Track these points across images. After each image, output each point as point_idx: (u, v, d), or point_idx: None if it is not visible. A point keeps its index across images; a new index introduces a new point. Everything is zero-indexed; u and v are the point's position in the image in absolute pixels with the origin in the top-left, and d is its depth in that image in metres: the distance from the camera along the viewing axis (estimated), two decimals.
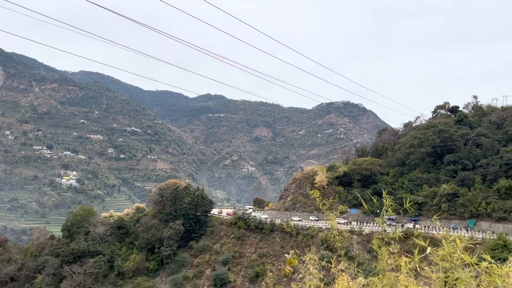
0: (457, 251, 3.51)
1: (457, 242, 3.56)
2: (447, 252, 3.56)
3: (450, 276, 3.45)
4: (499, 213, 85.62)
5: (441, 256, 3.62)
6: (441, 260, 3.62)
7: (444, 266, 3.57)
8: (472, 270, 3.50)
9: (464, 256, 3.49)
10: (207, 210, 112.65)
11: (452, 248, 3.53)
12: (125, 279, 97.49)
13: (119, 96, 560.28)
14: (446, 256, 3.56)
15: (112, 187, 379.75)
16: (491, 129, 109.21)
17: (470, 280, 3.41)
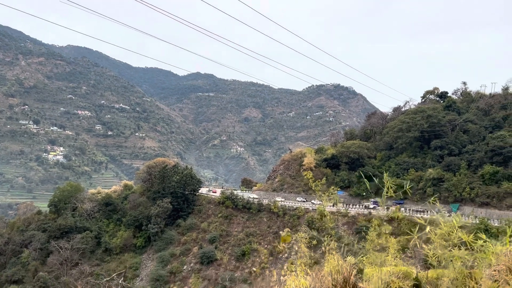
0: (454, 231, 3.69)
1: (454, 223, 3.74)
2: (446, 231, 3.73)
3: (448, 254, 3.63)
4: (482, 198, 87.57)
5: (439, 234, 3.79)
6: (438, 239, 3.80)
7: (441, 244, 3.75)
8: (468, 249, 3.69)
9: (461, 235, 3.67)
10: (195, 189, 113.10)
11: (450, 228, 3.71)
12: (112, 255, 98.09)
13: (107, 72, 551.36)
14: (444, 235, 3.73)
15: (99, 164, 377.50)
16: (478, 115, 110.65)
17: (466, 257, 3.60)
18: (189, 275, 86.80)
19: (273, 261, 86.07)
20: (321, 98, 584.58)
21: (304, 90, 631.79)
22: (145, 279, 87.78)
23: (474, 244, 3.65)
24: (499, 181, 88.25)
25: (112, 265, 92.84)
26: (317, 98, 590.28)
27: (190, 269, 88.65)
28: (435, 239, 3.87)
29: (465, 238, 3.66)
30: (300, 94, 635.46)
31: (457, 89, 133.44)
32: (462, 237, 3.70)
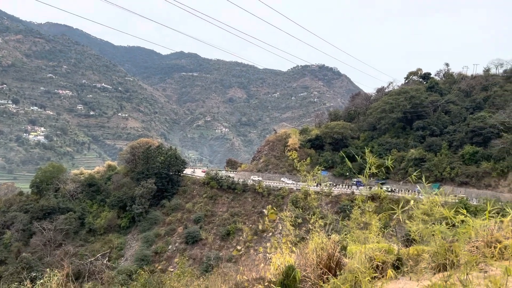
0: (436, 207, 3.82)
1: (436, 200, 3.87)
2: (428, 207, 3.86)
3: (429, 228, 3.77)
4: (462, 178, 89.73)
5: (422, 210, 3.93)
6: (420, 214, 3.94)
7: (423, 219, 3.89)
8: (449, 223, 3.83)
9: (443, 210, 3.81)
10: (180, 169, 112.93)
11: (432, 204, 3.84)
12: (96, 236, 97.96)
13: (88, 51, 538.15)
14: (427, 210, 3.87)
15: (82, 144, 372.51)
16: (460, 96, 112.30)
17: (447, 231, 3.74)
18: (174, 254, 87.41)
19: (258, 240, 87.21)
20: (306, 79, 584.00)
21: (289, 70, 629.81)
22: (130, 259, 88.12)
23: (455, 219, 3.79)
24: (478, 161, 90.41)
25: (97, 246, 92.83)
26: (302, 78, 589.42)
27: (175, 249, 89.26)
28: (418, 214, 4.00)
29: (446, 213, 3.79)
30: (285, 74, 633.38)
31: (439, 70, 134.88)
32: (443, 212, 3.84)
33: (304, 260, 11.90)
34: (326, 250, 10.61)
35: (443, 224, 3.81)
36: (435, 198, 3.97)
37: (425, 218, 3.90)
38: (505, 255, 3.92)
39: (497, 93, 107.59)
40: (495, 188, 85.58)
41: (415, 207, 4.08)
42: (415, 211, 4.06)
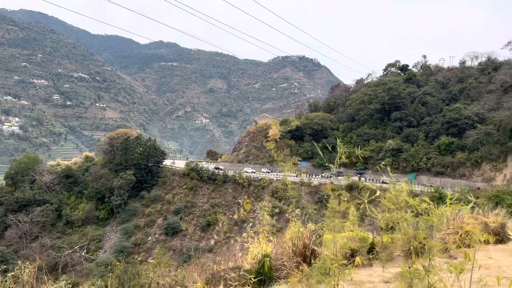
0: (402, 195, 3.92)
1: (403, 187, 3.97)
2: (394, 195, 3.95)
3: (394, 216, 3.86)
4: (438, 168, 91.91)
5: (388, 198, 4.02)
6: (387, 202, 4.03)
7: (390, 207, 3.99)
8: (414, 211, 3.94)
9: (407, 199, 3.91)
10: (159, 161, 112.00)
11: (398, 192, 3.94)
12: (74, 228, 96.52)
13: (64, 39, 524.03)
14: (392, 198, 3.96)
15: (58, 135, 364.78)
16: (436, 88, 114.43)
17: (411, 219, 3.85)
18: (154, 246, 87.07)
19: (238, 230, 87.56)
20: (287, 70, 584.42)
21: (270, 61, 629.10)
22: (109, 251, 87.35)
23: (419, 207, 3.90)
24: (453, 152, 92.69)
25: (74, 238, 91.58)
26: (283, 69, 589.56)
27: (155, 240, 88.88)
28: (384, 202, 4.09)
29: (411, 202, 3.89)
30: (266, 65, 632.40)
31: (417, 62, 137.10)
32: (408, 200, 3.94)
33: (281, 249, 12.05)
34: (301, 239, 10.77)
35: (408, 212, 3.92)
36: (401, 187, 4.06)
37: (390, 207, 4.00)
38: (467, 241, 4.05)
39: (472, 85, 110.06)
40: (469, 178, 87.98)
41: (382, 196, 4.18)
42: (382, 200, 4.16)
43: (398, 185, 4.11)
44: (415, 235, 3.89)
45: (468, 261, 3.72)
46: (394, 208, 3.93)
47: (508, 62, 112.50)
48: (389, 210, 4.00)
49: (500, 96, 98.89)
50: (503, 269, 8.91)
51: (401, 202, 3.89)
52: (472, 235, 3.82)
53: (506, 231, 12.45)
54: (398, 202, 3.90)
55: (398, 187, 4.04)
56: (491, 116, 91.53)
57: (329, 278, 4.19)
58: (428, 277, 3.66)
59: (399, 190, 3.99)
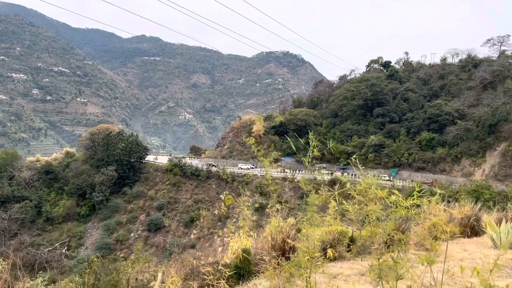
0: (372, 187, 3.96)
1: (373, 180, 4.01)
2: (364, 187, 4.00)
3: (364, 208, 3.91)
4: (419, 163, 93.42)
5: (358, 191, 4.06)
6: (357, 195, 4.07)
7: (360, 200, 4.03)
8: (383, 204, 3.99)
9: (377, 191, 3.96)
10: (142, 156, 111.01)
11: (367, 185, 3.98)
12: (55, 224, 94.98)
13: (44, 32, 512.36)
14: (362, 191, 4.00)
15: (38, 131, 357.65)
16: (418, 84, 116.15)
17: (380, 211, 3.90)
18: (136, 242, 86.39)
19: (221, 225, 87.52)
20: (271, 65, 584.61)
21: (254, 56, 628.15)
22: (90, 247, 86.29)
23: (388, 200, 3.96)
24: (434, 147, 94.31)
25: (55, 235, 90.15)
26: (267, 65, 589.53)
27: (138, 237, 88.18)
28: (354, 195, 4.14)
29: (380, 194, 3.94)
30: (250, 60, 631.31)
31: (399, 58, 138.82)
32: (377, 193, 3.99)
33: (261, 243, 12.10)
34: (281, 234, 10.84)
35: (378, 205, 3.97)
36: (372, 180, 4.11)
37: (360, 199, 4.04)
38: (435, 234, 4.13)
39: (452, 81, 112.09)
40: (449, 173, 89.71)
41: (352, 188, 4.22)
42: (352, 192, 4.20)
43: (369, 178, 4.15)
44: (385, 227, 3.95)
45: (436, 252, 3.79)
46: (364, 201, 3.98)
47: (488, 59, 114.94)
48: (360, 203, 4.05)
49: (480, 92, 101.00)
50: (476, 261, 9.14)
51: (371, 194, 3.94)
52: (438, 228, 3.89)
53: (481, 225, 12.76)
54: (367, 195, 3.95)
55: (368, 180, 4.09)
56: (471, 112, 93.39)
57: (302, 270, 4.22)
58: (396, 268, 3.72)
59: (369, 183, 4.04)
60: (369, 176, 4.16)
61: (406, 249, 4.35)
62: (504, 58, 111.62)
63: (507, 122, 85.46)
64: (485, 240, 11.57)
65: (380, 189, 3.98)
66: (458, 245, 11.22)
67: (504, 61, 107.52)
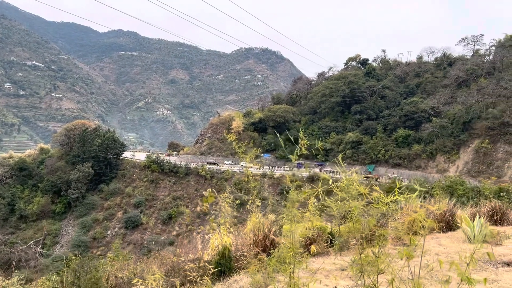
0: (353, 184, 4.05)
1: (354, 177, 4.10)
2: (346, 184, 4.08)
3: (346, 204, 4.00)
4: (395, 160, 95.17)
5: (340, 188, 4.15)
6: (340, 191, 4.16)
7: (342, 196, 4.12)
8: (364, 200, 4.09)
9: (358, 188, 4.05)
10: (119, 153, 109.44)
11: (349, 181, 4.07)
12: (29, 222, 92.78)
13: (17, 25, 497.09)
14: (344, 188, 4.09)
15: (11, 126, 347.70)
16: (395, 82, 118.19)
17: (361, 207, 3.99)
18: (113, 240, 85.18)
19: (200, 222, 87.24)
20: (250, 62, 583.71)
21: (233, 52, 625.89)
22: (66, 245, 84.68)
23: (369, 196, 4.06)
24: (410, 144, 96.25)
25: (29, 233, 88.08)
26: (246, 61, 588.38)
27: (114, 234, 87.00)
28: (336, 191, 4.22)
29: (362, 190, 4.03)
30: (229, 56, 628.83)
31: (377, 56, 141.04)
32: (359, 189, 4.08)
33: (242, 239, 12.16)
34: (262, 230, 10.92)
35: (359, 201, 4.06)
36: (352, 176, 4.20)
37: (342, 195, 4.13)
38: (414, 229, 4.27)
39: (428, 79, 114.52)
40: (424, 169, 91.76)
41: (334, 185, 4.31)
42: (334, 189, 4.28)
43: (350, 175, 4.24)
44: (366, 223, 4.05)
45: (414, 247, 3.91)
46: (346, 197, 4.07)
47: (462, 58, 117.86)
48: (342, 199, 4.13)
49: (454, 90, 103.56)
50: (451, 255, 9.42)
51: (353, 191, 4.03)
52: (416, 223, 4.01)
53: (456, 219, 13.14)
54: (349, 191, 4.04)
55: (350, 177, 4.18)
56: (446, 110, 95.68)
57: (285, 266, 4.28)
58: (377, 263, 3.82)
59: (350, 179, 4.13)
60: (351, 173, 4.25)
61: (385, 244, 4.48)
62: (478, 57, 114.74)
63: (480, 120, 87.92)
64: (459, 234, 11.92)
65: (362, 186, 4.08)
66: (433, 240, 11.54)
67: (478, 60, 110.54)
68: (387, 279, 3.99)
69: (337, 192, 4.10)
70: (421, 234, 4.12)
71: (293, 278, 4.23)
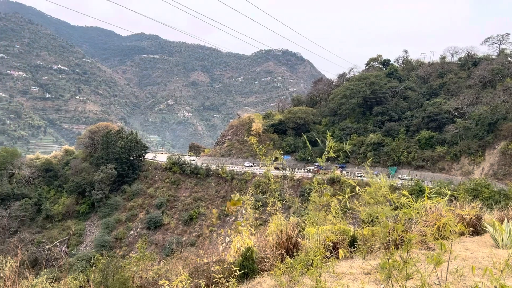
0: (381, 189, 4.04)
1: (382, 182, 4.09)
2: (373, 189, 4.07)
3: (374, 210, 3.99)
4: (418, 162, 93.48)
5: (368, 193, 4.14)
6: (367, 196, 4.15)
7: (369, 202, 4.11)
8: (392, 205, 4.07)
9: (386, 193, 4.04)
10: (141, 154, 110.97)
11: (377, 186, 4.06)
12: (54, 222, 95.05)
13: (43, 30, 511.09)
14: (371, 193, 4.08)
15: (37, 128, 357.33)
16: (417, 83, 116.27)
17: (390, 212, 3.97)
18: (136, 240, 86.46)
19: (221, 224, 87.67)
20: (270, 64, 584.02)
21: (253, 54, 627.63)
22: (90, 245, 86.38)
23: (397, 201, 4.04)
24: (433, 146, 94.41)
25: (54, 232, 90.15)
26: (266, 63, 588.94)
27: (137, 234, 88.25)
28: (364, 196, 4.21)
29: (390, 196, 4.02)
30: (249, 58, 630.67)
31: (399, 57, 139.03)
32: (387, 195, 4.07)
33: (264, 241, 12.18)
34: (285, 232, 10.91)
35: (388, 206, 4.05)
36: (381, 181, 4.19)
37: (370, 201, 4.12)
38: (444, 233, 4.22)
39: (452, 80, 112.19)
40: (448, 171, 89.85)
41: (363, 190, 4.30)
42: (362, 194, 4.28)
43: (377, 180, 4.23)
44: (394, 228, 4.03)
45: (444, 252, 3.87)
46: (374, 202, 4.06)
47: (487, 58, 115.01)
48: (369, 204, 4.12)
49: (479, 91, 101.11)
50: (478, 260, 9.22)
51: (380, 196, 4.02)
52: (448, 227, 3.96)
53: (482, 223, 12.85)
54: (377, 196, 4.03)
55: (378, 182, 4.17)
56: (470, 111, 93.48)
57: (312, 270, 4.30)
58: (406, 268, 3.80)
59: (378, 184, 4.12)
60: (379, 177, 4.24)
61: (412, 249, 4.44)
62: (504, 56, 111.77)
63: (506, 121, 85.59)
64: (486, 239, 11.65)
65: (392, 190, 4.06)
66: (460, 244, 11.31)
67: (504, 60, 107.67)
68: (416, 285, 3.96)
69: (364, 196, 4.10)
70: (450, 239, 4.07)
71: (320, 282, 4.24)
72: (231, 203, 5.53)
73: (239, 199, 5.68)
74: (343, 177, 29.54)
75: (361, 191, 4.16)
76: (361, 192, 4.14)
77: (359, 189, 4.20)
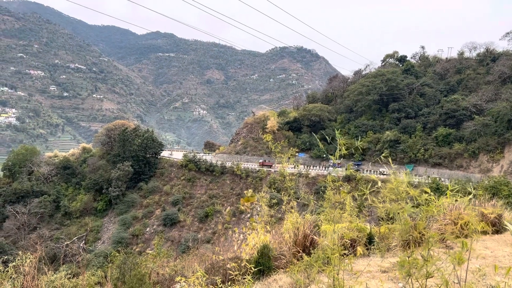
0: (403, 186, 3.97)
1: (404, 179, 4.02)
2: (395, 186, 4.00)
3: (395, 206, 3.92)
4: (435, 159, 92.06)
5: (389, 189, 4.07)
6: (388, 193, 4.08)
7: (390, 198, 4.04)
8: (414, 202, 4.00)
9: (408, 190, 3.96)
10: (157, 152, 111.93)
11: (398, 183, 3.99)
12: (72, 219, 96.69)
13: (61, 30, 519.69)
14: (393, 190, 4.01)
15: (55, 127, 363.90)
16: (434, 79, 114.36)
17: (411, 209, 3.90)
18: (152, 237, 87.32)
19: (236, 221, 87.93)
20: (284, 61, 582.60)
21: (268, 52, 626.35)
22: (107, 241, 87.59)
23: (419, 198, 3.96)
24: (451, 143, 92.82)
25: (73, 229, 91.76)
26: (280, 60, 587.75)
27: (153, 231, 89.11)
28: (385, 193, 4.15)
29: (412, 192, 3.94)
30: (263, 56, 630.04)
31: (415, 53, 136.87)
32: (409, 191, 3.99)
33: (280, 239, 12.16)
34: (302, 230, 10.87)
35: (409, 203, 3.97)
36: (402, 178, 4.12)
37: (391, 197, 4.05)
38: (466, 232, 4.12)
39: (470, 76, 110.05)
40: (466, 169, 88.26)
41: (383, 187, 4.23)
42: (383, 191, 4.21)
43: (399, 176, 4.16)
44: (415, 225, 3.95)
45: (465, 251, 3.79)
46: (394, 199, 4.00)
47: (506, 53, 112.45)
48: (390, 200, 4.06)
49: (498, 87, 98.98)
50: (499, 259, 9.03)
51: (402, 193, 3.95)
52: (470, 225, 3.87)
53: (503, 222, 12.58)
54: (398, 193, 3.96)
55: (399, 178, 4.10)
56: (489, 107, 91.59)
57: (330, 267, 4.25)
58: (426, 266, 3.73)
59: (400, 181, 4.05)
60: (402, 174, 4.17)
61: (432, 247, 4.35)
62: None
63: None
64: (507, 237, 11.42)
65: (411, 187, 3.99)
66: (479, 243, 11.10)
67: None
68: (436, 283, 3.88)
69: (385, 193, 4.03)
70: (472, 237, 3.98)
71: (338, 280, 4.19)
72: (245, 200, 5.48)
73: (252, 195, 5.65)
74: (359, 175, 29.37)
75: (381, 188, 4.11)
76: (382, 188, 4.09)
77: (380, 185, 4.14)
